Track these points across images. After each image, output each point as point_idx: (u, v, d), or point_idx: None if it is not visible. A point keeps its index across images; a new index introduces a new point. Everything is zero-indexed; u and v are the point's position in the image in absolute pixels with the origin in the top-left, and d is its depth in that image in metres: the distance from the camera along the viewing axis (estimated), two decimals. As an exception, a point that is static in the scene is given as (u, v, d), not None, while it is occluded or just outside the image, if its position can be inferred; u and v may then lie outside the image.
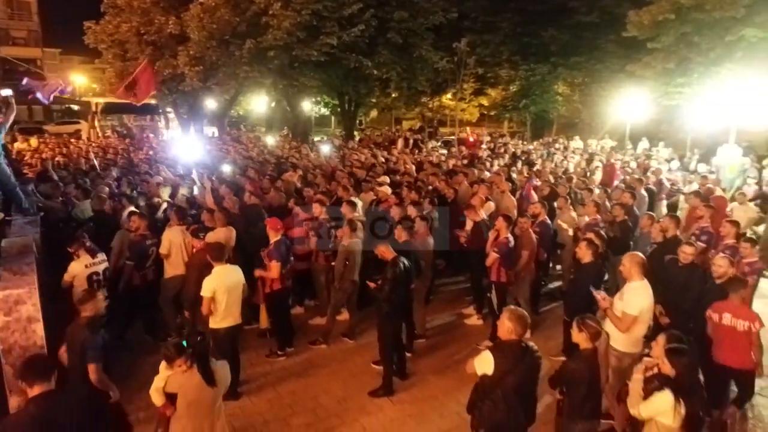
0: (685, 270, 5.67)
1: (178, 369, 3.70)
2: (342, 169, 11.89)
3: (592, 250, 5.63)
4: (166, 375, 3.77)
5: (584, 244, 5.71)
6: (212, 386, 3.74)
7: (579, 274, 5.88)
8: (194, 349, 3.75)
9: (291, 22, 16.35)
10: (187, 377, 3.71)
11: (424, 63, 22.92)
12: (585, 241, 5.77)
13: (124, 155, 14.45)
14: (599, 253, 5.77)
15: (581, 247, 5.72)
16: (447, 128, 41.42)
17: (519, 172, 13.18)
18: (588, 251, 5.62)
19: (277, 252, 6.27)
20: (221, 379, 3.87)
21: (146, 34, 22.19)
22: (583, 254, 5.66)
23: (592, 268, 5.67)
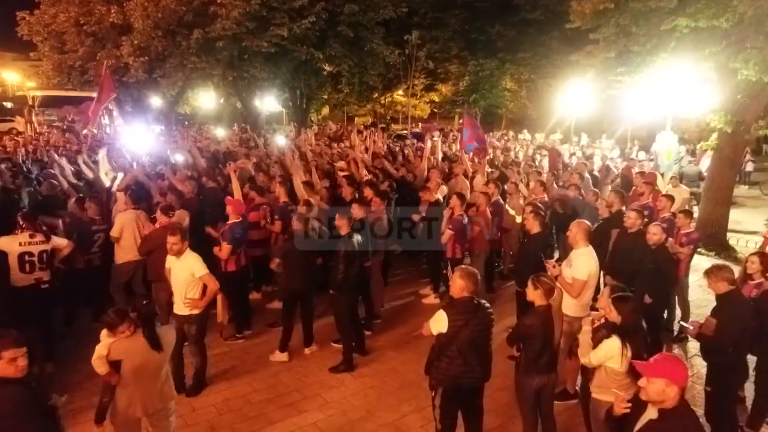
0: (632, 236, 5.99)
1: (122, 335, 3.63)
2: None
3: (539, 220, 5.85)
4: (108, 342, 3.65)
5: (531, 215, 5.91)
6: (158, 350, 3.68)
7: (528, 245, 6.08)
8: (139, 314, 3.71)
9: (240, 11, 16.10)
10: (131, 342, 3.64)
11: (375, 57, 23.08)
12: (532, 212, 5.97)
13: (66, 146, 13.80)
14: (545, 223, 6.00)
15: (528, 218, 5.92)
16: (399, 125, 41.78)
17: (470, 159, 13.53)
18: (535, 222, 5.84)
19: (230, 234, 6.20)
20: (167, 343, 3.82)
21: (86, 25, 21.33)
22: (531, 225, 5.88)
23: (541, 238, 5.90)
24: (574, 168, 11.16)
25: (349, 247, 5.76)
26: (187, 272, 5.12)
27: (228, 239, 6.15)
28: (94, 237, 6.50)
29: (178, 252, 5.10)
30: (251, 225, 7.52)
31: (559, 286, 4.73)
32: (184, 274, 5.13)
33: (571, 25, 13.07)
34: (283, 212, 7.29)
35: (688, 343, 6.62)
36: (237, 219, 6.31)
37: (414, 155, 13.35)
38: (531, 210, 5.99)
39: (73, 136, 18.32)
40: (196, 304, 5.16)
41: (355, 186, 7.90)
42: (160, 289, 6.13)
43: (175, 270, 5.18)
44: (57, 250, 5.76)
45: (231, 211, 6.29)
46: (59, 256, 5.81)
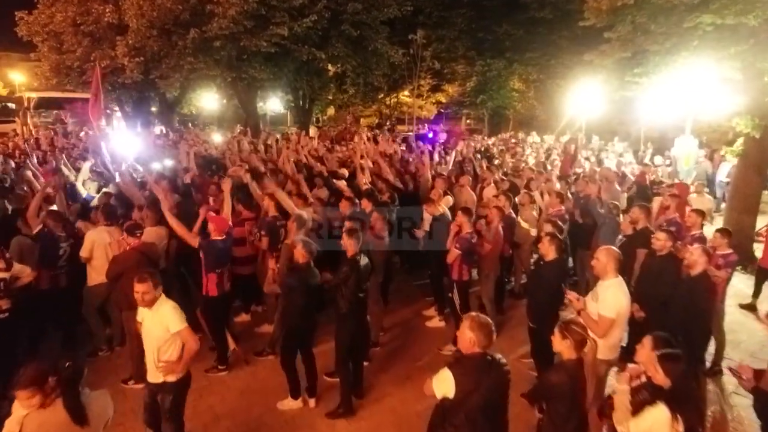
0: (660, 260, 5.29)
1: (33, 405, 2.78)
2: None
3: (555, 245, 5.10)
4: (20, 416, 2.79)
5: (547, 239, 5.17)
6: (82, 425, 2.84)
7: (542, 272, 5.33)
8: (59, 378, 2.83)
9: (237, 10, 15.43)
10: (48, 415, 2.79)
11: (380, 57, 22.36)
12: (548, 236, 5.23)
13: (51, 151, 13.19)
14: (563, 248, 5.29)
15: (544, 242, 5.18)
16: (405, 126, 41.11)
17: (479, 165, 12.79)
18: (551, 247, 5.09)
19: (209, 248, 5.57)
20: (96, 415, 2.96)
21: (83, 25, 20.81)
22: (547, 250, 5.13)
23: (557, 266, 5.15)
24: (601, 174, 10.42)
25: (355, 270, 5.08)
26: (161, 327, 4.06)
27: (205, 254, 5.51)
28: (59, 251, 5.86)
29: (150, 302, 4.06)
30: (237, 241, 6.91)
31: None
32: (157, 330, 4.07)
33: (585, 22, 12.39)
34: (270, 228, 6.64)
35: (723, 377, 5.92)
36: (219, 237, 5.65)
37: (417, 161, 12.70)
38: (548, 234, 5.24)
39: (72, 138, 17.85)
40: (171, 368, 4.08)
41: (352, 201, 7.21)
42: (131, 317, 5.48)
43: (147, 325, 4.16)
44: (16, 278, 5.12)
45: (213, 229, 5.62)
46: (18, 284, 5.17)
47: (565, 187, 9.41)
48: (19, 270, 5.13)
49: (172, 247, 6.55)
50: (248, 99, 20.56)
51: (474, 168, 12.01)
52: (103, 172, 9.52)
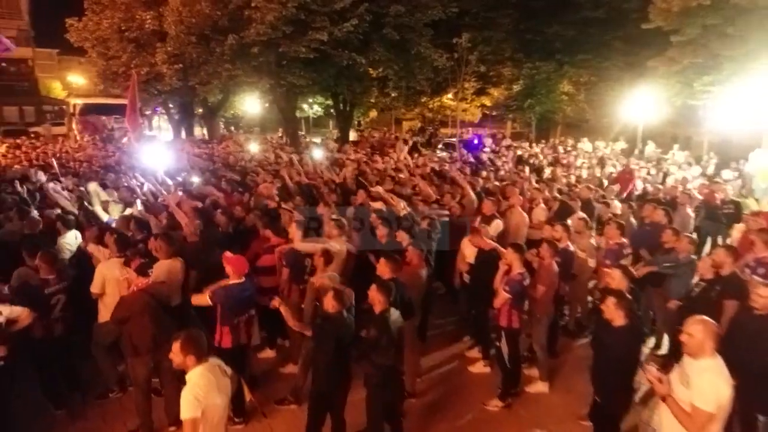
0: (761, 320, 4.33)
1: None
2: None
3: (624, 310, 4.15)
4: None
5: (612, 302, 4.21)
6: None
7: (608, 340, 4.34)
8: None
9: (275, 15, 15.00)
10: None
11: (423, 61, 21.57)
12: (614, 296, 4.27)
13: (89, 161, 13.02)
14: (635, 312, 4.34)
15: (608, 306, 4.23)
16: (448, 129, 40.15)
17: (526, 179, 11.79)
18: (619, 312, 4.15)
19: (223, 297, 4.92)
20: None
21: (127, 31, 20.97)
22: (613, 315, 4.20)
23: (626, 333, 4.18)
24: (666, 191, 9.32)
25: (385, 330, 4.33)
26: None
27: (216, 296, 4.89)
28: (51, 301, 5.22)
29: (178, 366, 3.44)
30: (264, 270, 6.33)
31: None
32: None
33: (648, 24, 11.26)
34: (293, 258, 6.01)
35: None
36: (237, 280, 5.02)
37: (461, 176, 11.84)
38: (614, 295, 4.27)
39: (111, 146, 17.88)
40: None
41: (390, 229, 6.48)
42: (138, 364, 4.96)
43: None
44: (12, 322, 4.65)
45: (231, 272, 5.00)
46: (16, 328, 4.69)
47: (627, 211, 8.42)
48: (16, 312, 4.65)
49: (191, 280, 5.98)
50: (287, 105, 20.16)
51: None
52: (134, 189, 9.11)
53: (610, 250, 6.73)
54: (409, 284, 5.46)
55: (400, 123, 45.66)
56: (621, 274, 4.82)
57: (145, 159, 10.94)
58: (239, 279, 5.01)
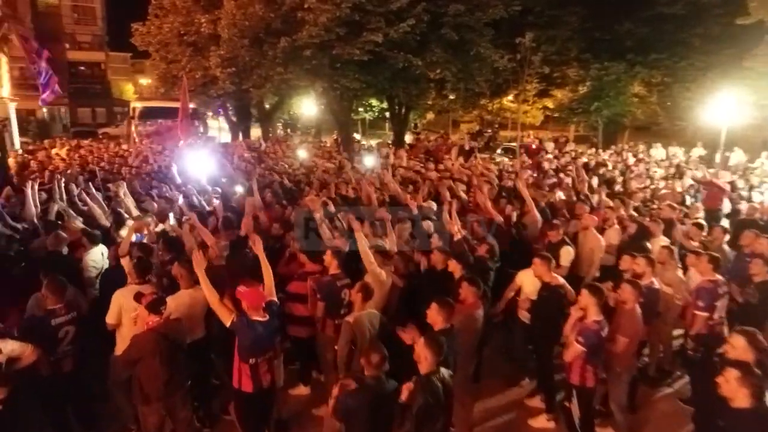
0: None
1: None
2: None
3: (750, 388, 3.20)
4: None
5: (735, 376, 3.26)
6: None
7: (723, 422, 3.38)
8: None
9: (328, 16, 14.44)
10: None
11: (483, 62, 20.48)
12: (737, 371, 3.29)
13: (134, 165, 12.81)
14: (763, 392, 3.30)
15: (729, 380, 3.28)
16: (508, 131, 38.70)
17: (597, 192, 10.56)
18: (743, 390, 3.21)
19: (241, 331, 4.29)
20: None
21: (186, 35, 21.14)
22: (734, 393, 3.26)
23: (752, 419, 3.21)
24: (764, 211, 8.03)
25: (434, 396, 3.54)
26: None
27: (238, 337, 4.25)
28: (58, 334, 4.70)
29: None
30: (296, 297, 5.69)
31: None
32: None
33: (744, 20, 9.89)
34: (329, 291, 5.31)
35: None
36: (258, 317, 4.36)
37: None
38: (738, 367, 3.30)
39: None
40: None
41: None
42: (149, 413, 4.38)
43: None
44: (14, 360, 4.18)
45: (247, 308, 4.36)
46: (18, 367, 4.22)
47: (720, 237, 7.22)
48: (18, 349, 4.17)
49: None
50: (341, 109, 19.59)
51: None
52: (174, 199, 8.67)
53: (703, 289, 5.62)
54: (462, 327, 4.65)
55: (458, 125, 44.54)
56: (746, 343, 3.77)
57: (189, 165, 10.63)
58: (259, 315, 4.35)
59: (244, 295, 4.31)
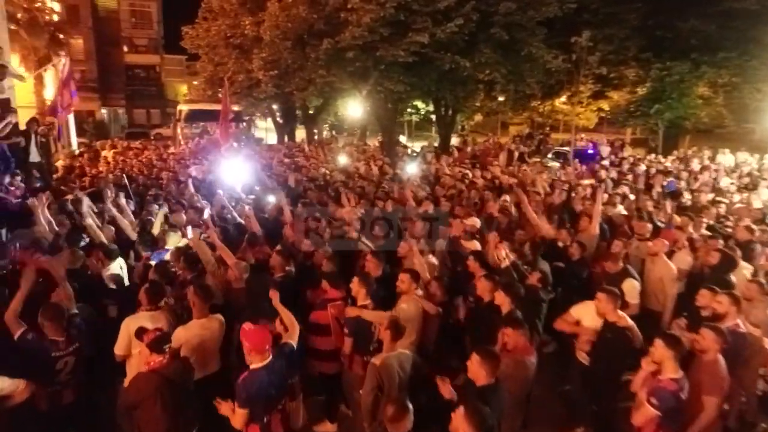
0: None
1: None
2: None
3: None
4: None
5: None
6: None
7: None
8: None
9: (372, 17, 13.90)
10: None
11: (534, 62, 19.48)
12: None
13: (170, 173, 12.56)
14: None
15: None
16: (559, 133, 37.24)
17: (661, 208, 9.51)
18: None
19: (244, 390, 3.71)
20: None
21: (232, 37, 21.15)
22: None
23: None
24: None
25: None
26: None
27: (241, 399, 3.70)
28: (56, 366, 4.27)
29: None
30: (319, 328, 5.14)
31: None
32: None
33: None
34: (356, 327, 4.73)
35: None
36: (260, 363, 3.80)
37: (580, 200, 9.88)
38: None
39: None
40: None
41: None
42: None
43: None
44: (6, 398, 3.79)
45: (249, 350, 3.80)
46: (10, 404, 3.83)
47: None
48: (8, 388, 3.77)
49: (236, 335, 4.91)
50: (384, 112, 19.00)
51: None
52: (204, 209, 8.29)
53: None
54: (510, 375, 3.97)
55: (507, 127, 43.27)
56: None
57: (225, 172, 10.27)
58: (263, 360, 3.79)
59: (247, 336, 3.77)
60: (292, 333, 4.13)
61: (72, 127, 32.48)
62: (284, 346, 3.97)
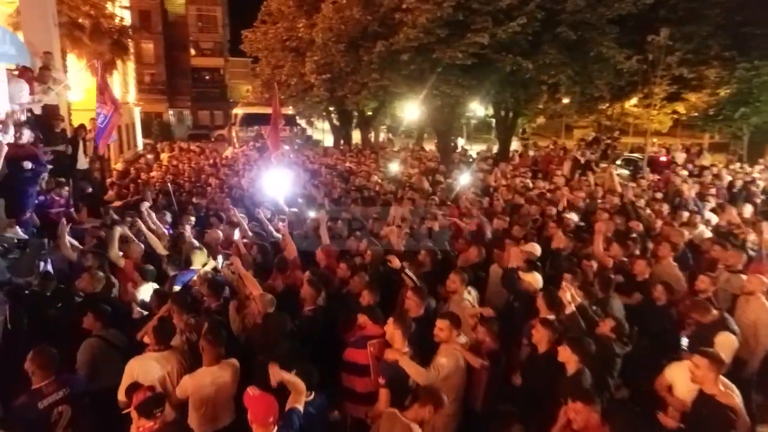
0: None
1: None
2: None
3: None
4: None
5: None
6: None
7: None
8: None
9: (428, 17, 13.13)
10: None
11: (604, 63, 18.05)
12: None
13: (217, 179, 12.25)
14: None
15: None
16: (629, 137, 35.03)
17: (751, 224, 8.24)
18: None
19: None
20: None
21: (288, 40, 20.99)
22: None
23: None
24: None
25: None
26: None
27: None
28: (50, 418, 3.74)
29: None
30: (355, 367, 4.48)
31: None
32: None
33: None
34: (393, 375, 4.03)
35: None
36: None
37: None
38: None
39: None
40: None
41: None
42: None
43: None
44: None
45: (251, 420, 3.17)
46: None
47: None
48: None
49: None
50: (440, 116, 18.13)
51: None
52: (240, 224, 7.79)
53: None
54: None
55: (571, 130, 41.30)
56: None
57: (270, 182, 9.78)
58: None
59: (250, 403, 3.15)
60: (297, 396, 3.49)
61: (138, 128, 33.70)
62: (291, 414, 3.32)
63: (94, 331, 4.55)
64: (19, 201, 6.67)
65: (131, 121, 31.64)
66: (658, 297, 5.25)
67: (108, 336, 4.44)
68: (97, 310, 4.59)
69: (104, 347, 4.41)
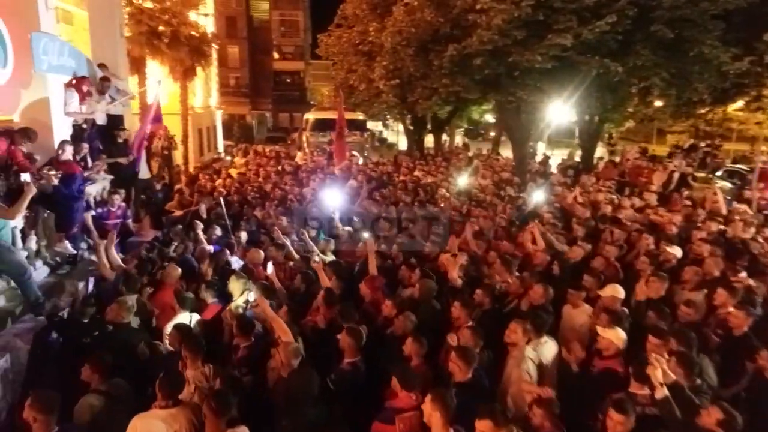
0: None
1: None
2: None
3: None
4: None
5: None
6: None
7: None
8: None
9: (504, 18, 12.11)
10: None
11: (706, 64, 16.06)
12: None
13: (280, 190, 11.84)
14: None
15: None
16: (731, 143, 31.85)
17: None
18: None
19: None
20: None
21: (361, 44, 20.66)
22: None
23: None
24: None
25: None
26: None
27: None
28: None
29: None
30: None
31: None
32: None
33: None
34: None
35: None
36: None
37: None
38: None
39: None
40: None
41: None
42: None
43: None
44: None
45: None
46: None
47: None
48: None
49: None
50: (515, 124, 16.89)
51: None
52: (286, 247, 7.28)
53: None
54: None
55: (664, 135, 38.21)
56: None
57: (327, 195, 9.26)
58: None
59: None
60: None
61: (219, 131, 34.84)
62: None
63: (93, 384, 4.05)
64: (65, 216, 6.57)
65: (212, 124, 32.70)
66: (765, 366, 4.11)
67: (110, 389, 3.97)
68: (95, 360, 4.08)
69: (105, 404, 3.86)
